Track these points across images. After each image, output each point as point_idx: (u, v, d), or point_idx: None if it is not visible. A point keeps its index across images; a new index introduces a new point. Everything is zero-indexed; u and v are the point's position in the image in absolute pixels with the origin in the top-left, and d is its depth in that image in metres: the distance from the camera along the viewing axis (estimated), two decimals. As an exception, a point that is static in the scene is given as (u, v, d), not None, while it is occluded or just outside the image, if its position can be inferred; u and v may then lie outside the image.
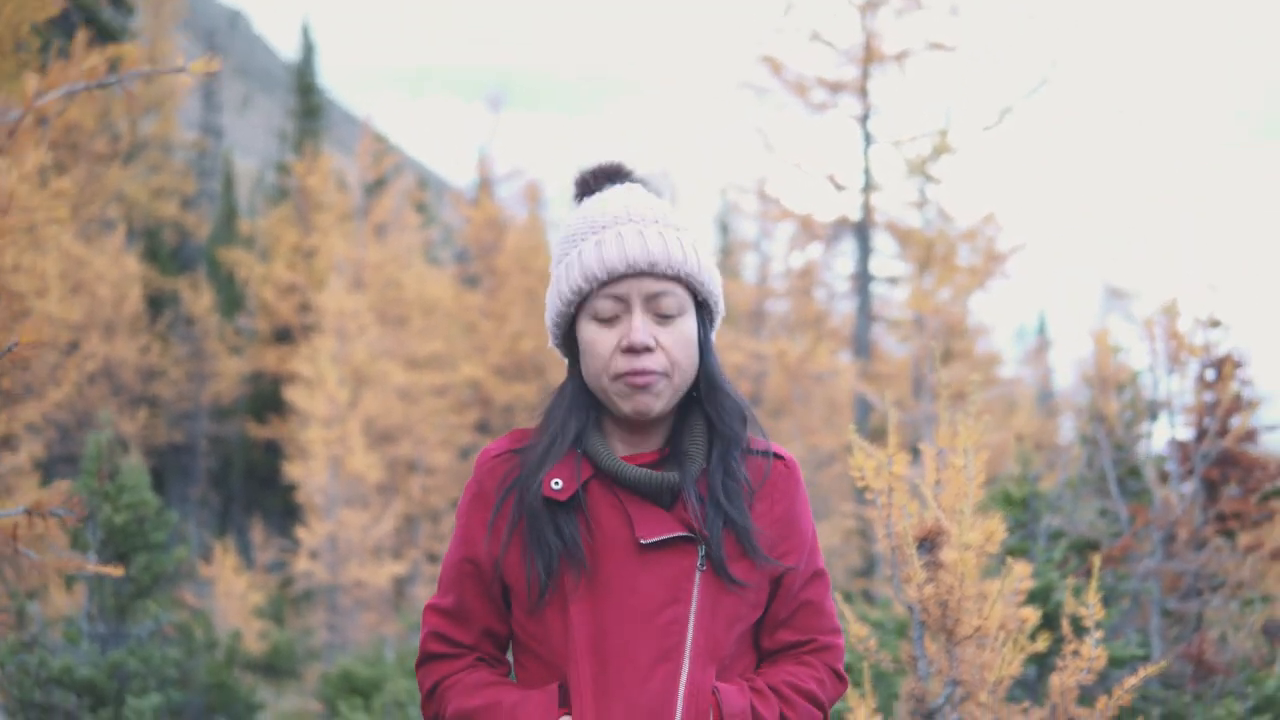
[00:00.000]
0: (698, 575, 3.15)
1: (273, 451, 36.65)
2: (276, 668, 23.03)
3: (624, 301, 3.16)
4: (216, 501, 37.91)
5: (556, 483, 3.17)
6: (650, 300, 3.16)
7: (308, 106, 42.15)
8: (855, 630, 5.11)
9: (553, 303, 3.29)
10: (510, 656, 3.43)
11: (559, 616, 3.18)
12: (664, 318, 3.16)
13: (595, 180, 3.40)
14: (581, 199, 3.41)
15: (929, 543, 4.78)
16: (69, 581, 12.47)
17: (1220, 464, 9.59)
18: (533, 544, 3.17)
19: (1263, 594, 9.82)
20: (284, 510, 35.18)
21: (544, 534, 3.16)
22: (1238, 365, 9.58)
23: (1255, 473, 9.67)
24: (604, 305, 3.16)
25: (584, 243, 3.22)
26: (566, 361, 3.37)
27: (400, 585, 28.48)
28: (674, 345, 3.15)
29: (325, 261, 34.19)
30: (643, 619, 3.12)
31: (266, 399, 36.64)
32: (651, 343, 3.12)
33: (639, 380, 3.12)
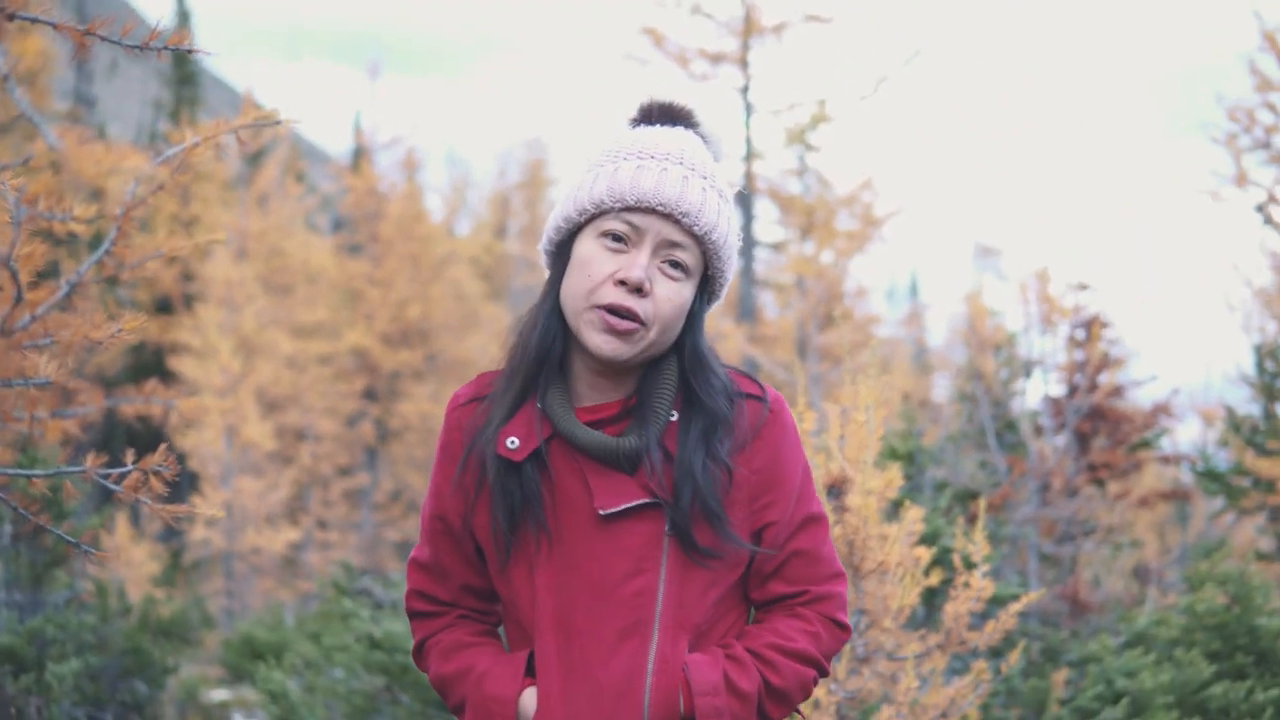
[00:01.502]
0: (665, 543, 3.01)
1: (151, 424, 36.57)
2: (176, 634, 23.17)
3: (639, 233, 2.98)
4: (100, 471, 37.72)
5: (512, 441, 3.03)
6: (664, 246, 2.99)
7: (183, 75, 41.32)
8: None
9: (565, 207, 3.09)
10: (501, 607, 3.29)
11: (526, 581, 3.07)
12: (671, 267, 2.99)
13: (659, 114, 3.23)
14: (637, 127, 3.23)
15: (836, 489, 5.36)
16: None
17: (1090, 418, 10.21)
18: (495, 504, 3.05)
19: (1132, 539, 10.53)
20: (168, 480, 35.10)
21: (500, 493, 3.04)
22: (1105, 325, 10.23)
23: (1123, 426, 10.34)
24: (618, 225, 2.98)
25: (625, 161, 3.04)
26: (548, 275, 3.17)
27: (295, 551, 28.61)
28: (666, 300, 2.97)
29: (206, 230, 34.04)
30: (607, 591, 2.99)
31: (149, 369, 36.39)
32: (648, 285, 2.95)
33: (618, 324, 2.94)
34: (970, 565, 5.51)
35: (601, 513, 2.98)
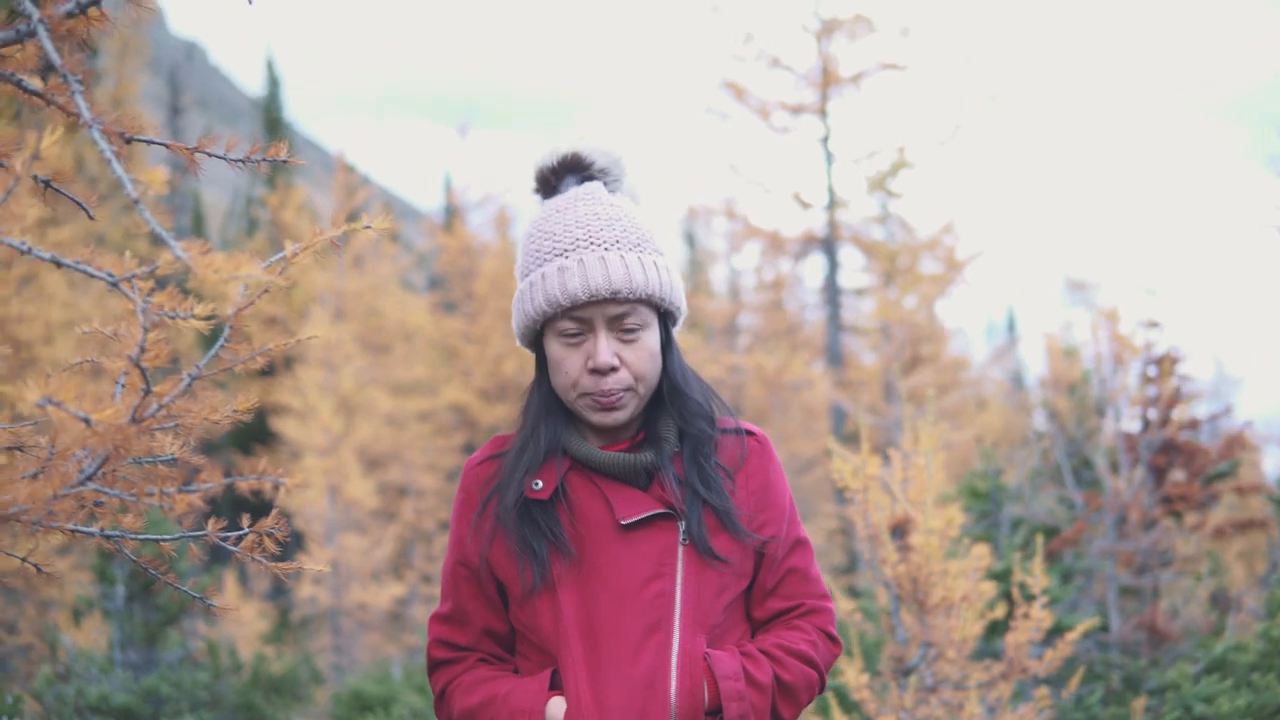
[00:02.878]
0: (680, 549, 3.25)
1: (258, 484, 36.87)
2: (287, 690, 23.48)
3: (587, 323, 3.24)
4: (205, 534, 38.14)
5: (537, 483, 3.29)
6: (613, 321, 3.23)
7: (275, 140, 41.62)
8: (844, 605, 6.00)
9: (518, 314, 3.37)
10: (516, 654, 3.49)
11: (548, 603, 3.26)
12: (627, 334, 3.24)
13: (556, 176, 3.44)
14: (545, 194, 3.47)
15: (900, 530, 5.68)
16: (105, 614, 13.01)
17: (1165, 452, 10.40)
18: (520, 543, 3.27)
19: (1214, 568, 10.69)
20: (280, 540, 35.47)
21: (530, 534, 3.27)
22: (1176, 361, 10.41)
23: (1198, 458, 10.52)
24: (568, 325, 3.25)
25: (548, 265, 3.28)
26: (535, 359, 3.46)
27: (400, 605, 28.76)
28: (637, 360, 3.25)
29: (304, 293, 34.34)
30: (630, 595, 3.21)
31: (252, 431, 36.72)
32: (615, 362, 3.22)
33: (608, 401, 3.25)
34: (1029, 596, 5.79)
35: (623, 522, 3.23)
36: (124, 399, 2.29)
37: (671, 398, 3.37)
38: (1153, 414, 10.34)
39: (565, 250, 3.27)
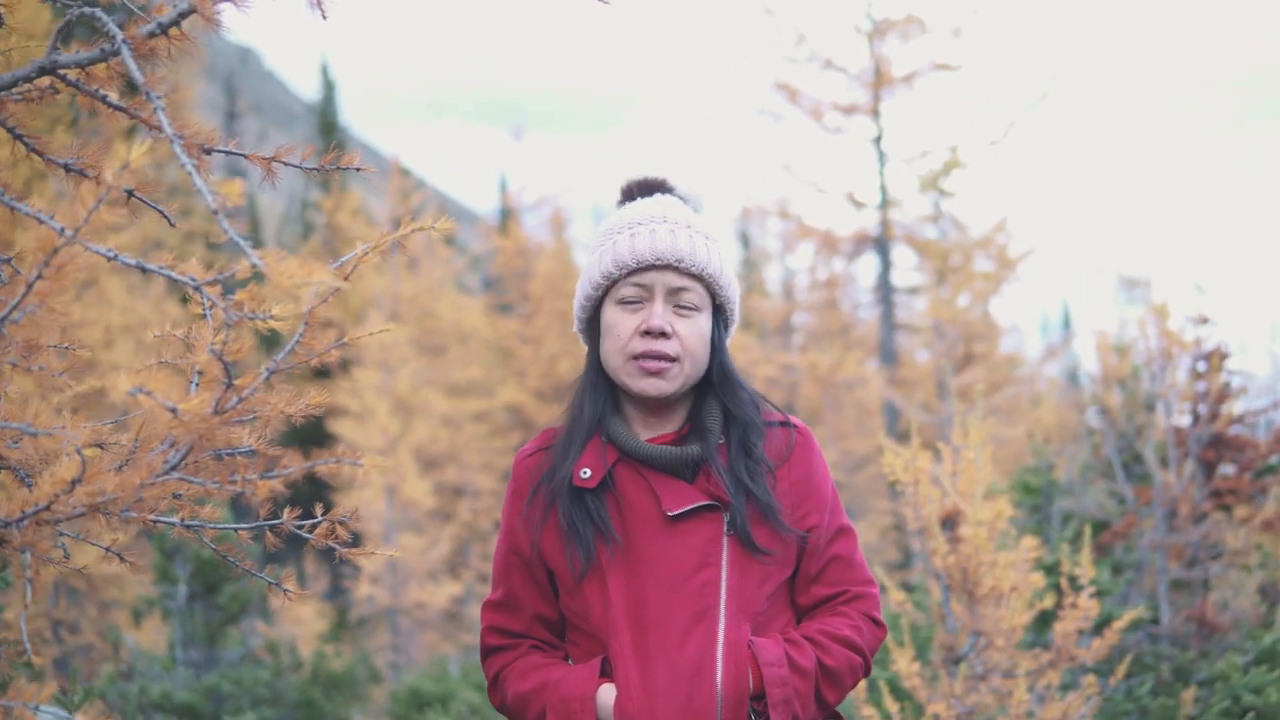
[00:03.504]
0: (725, 540, 3.35)
1: (316, 484, 37.20)
2: (346, 688, 23.64)
3: (648, 290, 3.39)
4: (266, 534, 38.26)
5: (585, 472, 3.40)
6: (672, 293, 3.39)
7: (331, 144, 41.57)
8: (895, 596, 6.13)
9: (583, 286, 3.53)
10: (566, 640, 3.61)
11: (598, 591, 3.38)
12: (683, 310, 3.39)
13: (639, 190, 3.65)
14: (624, 204, 3.65)
15: (950, 522, 5.81)
16: (166, 614, 13.20)
17: (1214, 446, 10.46)
18: (569, 529, 3.40)
19: (1259, 561, 10.74)
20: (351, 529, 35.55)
21: (578, 519, 3.39)
22: (1225, 357, 10.47)
23: (1247, 452, 10.58)
24: (630, 291, 3.40)
25: (619, 235, 3.46)
26: (587, 349, 3.61)
27: (457, 604, 28.91)
28: (689, 336, 3.38)
29: (359, 296, 34.56)
30: (677, 584, 3.31)
31: (310, 433, 36.89)
32: (669, 329, 3.35)
33: (652, 365, 3.36)
34: (1077, 587, 5.91)
35: (670, 514, 3.34)
36: (205, 392, 2.44)
37: (722, 385, 3.48)
38: (1202, 409, 10.39)
39: (638, 224, 3.47)
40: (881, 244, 26.65)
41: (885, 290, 26.74)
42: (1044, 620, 8.32)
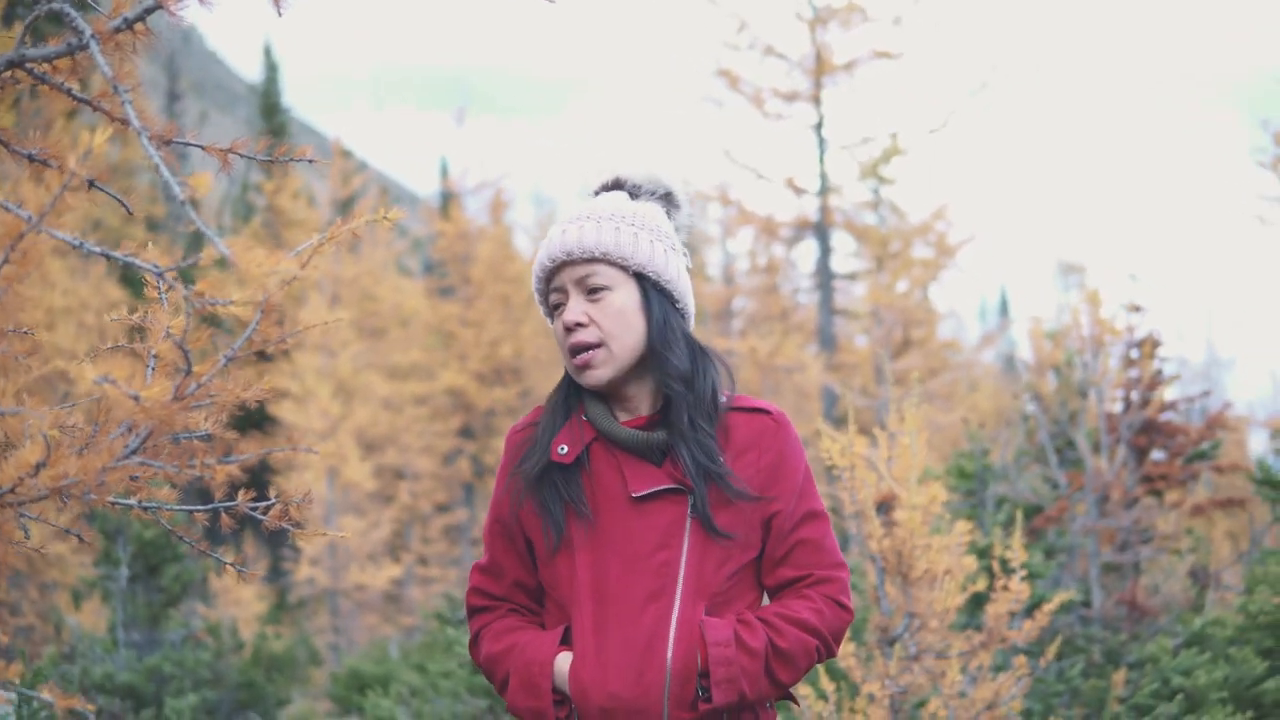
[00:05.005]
0: (688, 522, 3.43)
1: (258, 466, 36.93)
2: (287, 669, 23.57)
3: (564, 290, 3.51)
4: (205, 517, 38.18)
5: (563, 448, 3.51)
6: (579, 283, 3.48)
7: (273, 127, 41.22)
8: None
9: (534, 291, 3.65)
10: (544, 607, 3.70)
11: (567, 564, 3.49)
12: (592, 294, 3.47)
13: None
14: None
15: (885, 506, 5.93)
16: (106, 595, 13.18)
17: (1146, 432, 10.64)
18: (542, 503, 3.51)
19: (1190, 545, 10.92)
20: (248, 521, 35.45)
21: (551, 494, 3.50)
22: (1156, 345, 10.64)
23: (1178, 438, 10.76)
24: (554, 297, 3.55)
25: (540, 245, 3.58)
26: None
27: (397, 587, 28.93)
28: (603, 317, 3.44)
29: (301, 279, 34.34)
30: (638, 562, 3.41)
31: (249, 416, 36.73)
32: (583, 319, 3.45)
33: (579, 359, 3.46)
34: (1009, 570, 6.04)
35: (634, 495, 3.43)
36: (163, 379, 2.52)
37: (653, 359, 3.51)
38: (1134, 395, 10.55)
39: (556, 226, 3.57)
40: (821, 230, 26.72)
41: (825, 276, 26.81)
42: (976, 602, 8.47)
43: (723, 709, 3.37)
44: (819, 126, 26.31)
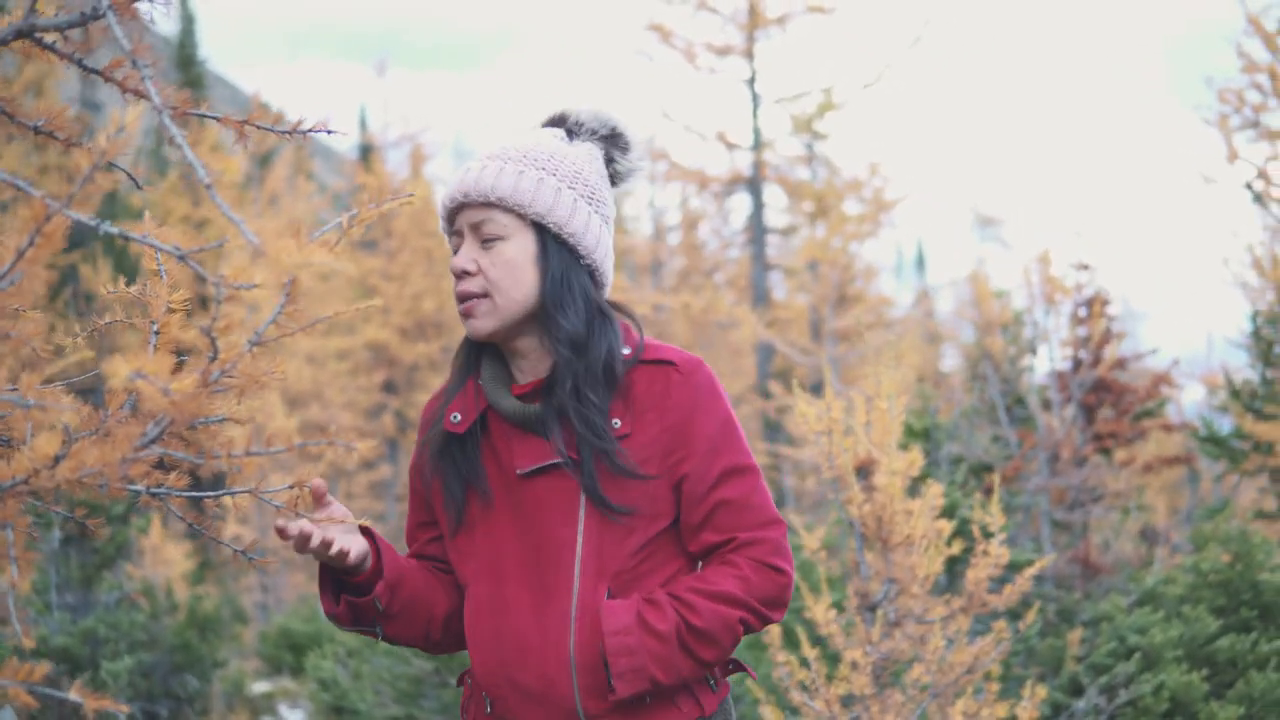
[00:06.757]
0: (582, 498, 3.18)
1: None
2: (216, 631, 23.49)
3: (460, 234, 3.28)
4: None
5: (455, 417, 3.30)
6: (475, 229, 3.24)
7: (189, 79, 40.98)
8: (809, 544, 6.20)
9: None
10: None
11: (469, 543, 3.33)
12: (486, 242, 3.22)
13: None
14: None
15: (864, 471, 5.88)
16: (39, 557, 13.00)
17: (1095, 390, 10.68)
18: (444, 477, 3.32)
19: (1140, 503, 10.98)
20: (192, 479, 35.38)
21: (452, 467, 3.31)
22: (1105, 303, 10.68)
23: (1126, 397, 10.81)
24: (453, 241, 3.31)
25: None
26: None
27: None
28: (491, 267, 3.20)
29: (218, 231, 34.16)
30: (534, 543, 3.21)
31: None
32: (471, 267, 3.22)
33: (464, 308, 3.23)
34: (988, 534, 6.01)
35: (518, 472, 3.22)
36: (191, 370, 2.44)
37: (541, 318, 3.25)
38: (1084, 354, 10.59)
39: (464, 165, 3.35)
40: (754, 184, 26.78)
41: (758, 230, 26.87)
42: (950, 565, 8.46)
43: (636, 696, 3.15)
44: (752, 81, 26.38)
